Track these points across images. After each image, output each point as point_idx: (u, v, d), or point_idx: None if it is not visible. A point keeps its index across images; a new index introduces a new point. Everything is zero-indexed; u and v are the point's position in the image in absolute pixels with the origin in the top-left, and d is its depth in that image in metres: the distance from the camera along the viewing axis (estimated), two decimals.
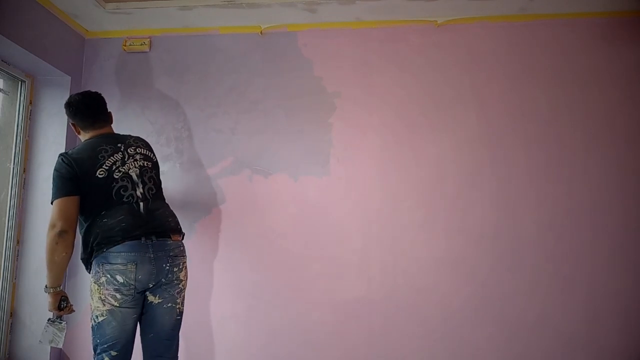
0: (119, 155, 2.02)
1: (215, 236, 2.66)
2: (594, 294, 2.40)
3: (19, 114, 2.66)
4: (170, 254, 1.97)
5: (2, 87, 2.60)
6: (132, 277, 1.86)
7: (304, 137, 2.65)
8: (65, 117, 2.70)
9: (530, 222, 2.47)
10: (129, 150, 2.06)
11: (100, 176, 1.94)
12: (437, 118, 2.58)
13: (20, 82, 2.66)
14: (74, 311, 2.06)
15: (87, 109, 2.10)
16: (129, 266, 1.86)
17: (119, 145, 2.06)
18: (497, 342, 2.43)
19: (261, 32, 2.76)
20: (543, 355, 2.40)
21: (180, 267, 2.02)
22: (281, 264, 2.59)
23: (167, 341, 2.02)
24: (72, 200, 1.91)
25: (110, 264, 1.87)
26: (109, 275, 1.86)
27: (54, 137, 2.71)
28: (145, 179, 2.04)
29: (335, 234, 2.57)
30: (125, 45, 2.83)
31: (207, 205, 2.65)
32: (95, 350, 1.91)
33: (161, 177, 2.23)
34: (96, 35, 2.88)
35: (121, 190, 1.96)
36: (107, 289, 1.86)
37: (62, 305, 1.97)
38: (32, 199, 2.67)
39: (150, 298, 1.96)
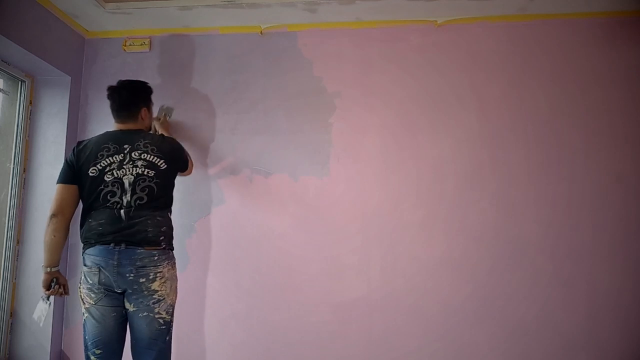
0: (118, 158, 1.99)
1: (215, 236, 2.66)
2: (594, 294, 2.40)
3: (19, 114, 2.66)
4: (137, 263, 1.89)
5: (2, 87, 2.60)
6: (96, 280, 1.90)
7: (304, 137, 2.65)
8: (66, 116, 2.72)
9: (530, 222, 2.47)
10: (133, 154, 2.01)
11: (91, 174, 1.96)
12: (437, 118, 2.59)
13: (20, 82, 2.66)
14: (62, 295, 2.02)
15: (115, 98, 2.12)
16: (94, 269, 1.91)
17: (125, 146, 2.01)
18: (497, 342, 2.43)
19: (261, 32, 2.76)
20: (543, 355, 2.40)
21: (152, 277, 1.91)
22: (281, 264, 2.59)
23: (148, 350, 1.96)
24: (66, 188, 1.98)
25: (84, 265, 1.95)
26: (84, 275, 1.94)
27: (54, 137, 2.71)
28: (138, 188, 1.97)
29: (335, 234, 2.57)
30: (125, 45, 2.83)
31: (207, 205, 2.65)
32: (84, 347, 1.98)
33: None
34: (96, 35, 2.88)
35: (108, 195, 1.95)
36: (83, 288, 1.94)
37: (52, 285, 1.98)
38: (32, 199, 2.67)
39: (127, 305, 1.94)
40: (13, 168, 2.63)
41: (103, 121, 2.81)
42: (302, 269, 2.57)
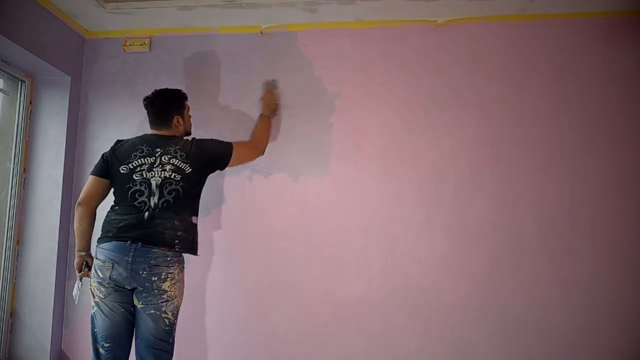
0: (149, 160, 2.07)
1: (215, 236, 2.65)
2: (594, 294, 2.40)
3: (19, 114, 2.66)
4: (151, 262, 1.94)
5: (2, 87, 2.60)
6: (107, 274, 1.95)
7: (304, 137, 2.65)
8: (66, 116, 2.73)
9: (530, 221, 2.47)
10: (163, 158, 2.08)
11: (121, 172, 2.06)
12: (437, 118, 2.58)
13: (20, 82, 2.67)
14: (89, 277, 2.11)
15: (149, 109, 2.21)
16: (107, 264, 1.95)
17: (157, 150, 2.10)
18: (497, 341, 2.43)
19: (261, 32, 2.76)
20: (543, 355, 2.40)
21: (163, 277, 1.96)
22: (281, 264, 2.59)
23: (152, 349, 1.98)
24: (95, 180, 2.12)
25: (97, 258, 2.00)
26: (95, 269, 2.00)
27: (54, 137, 2.71)
28: (165, 191, 2.04)
29: (335, 234, 2.57)
30: (125, 45, 2.83)
31: (207, 205, 2.65)
32: (92, 340, 2.02)
33: None
34: (96, 35, 2.88)
35: (136, 194, 2.03)
36: (94, 282, 2.00)
37: (82, 268, 2.14)
38: (32, 199, 2.67)
39: (135, 301, 1.98)
40: (13, 168, 2.63)
41: (103, 121, 2.82)
42: (302, 268, 2.57)
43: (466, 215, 2.51)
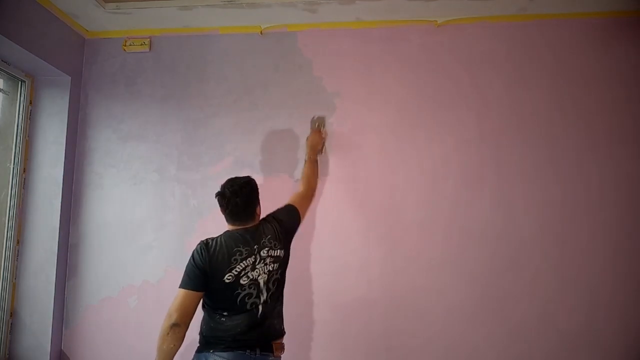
0: (250, 260, 1.97)
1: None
2: (594, 294, 2.40)
3: (19, 114, 2.66)
4: None
5: (2, 87, 2.60)
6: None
7: (304, 137, 2.64)
8: (66, 116, 2.72)
9: (530, 222, 2.47)
10: (261, 252, 2.00)
11: (227, 281, 1.92)
12: (437, 118, 2.59)
13: (20, 82, 2.66)
14: None
15: (230, 206, 2.02)
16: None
17: (255, 247, 2.00)
18: (497, 342, 2.43)
19: (261, 32, 2.76)
20: (543, 355, 2.40)
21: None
22: None
23: None
24: (195, 296, 1.93)
25: None
26: None
27: (54, 137, 2.71)
28: (270, 284, 2.01)
29: (335, 234, 2.57)
30: (125, 45, 2.83)
31: (207, 205, 2.65)
32: None
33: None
34: (96, 35, 2.88)
35: (246, 298, 1.94)
36: None
37: None
38: (32, 199, 2.67)
39: None
40: (13, 168, 2.63)
41: (103, 121, 2.81)
42: (302, 268, 2.57)
43: (466, 215, 2.51)
